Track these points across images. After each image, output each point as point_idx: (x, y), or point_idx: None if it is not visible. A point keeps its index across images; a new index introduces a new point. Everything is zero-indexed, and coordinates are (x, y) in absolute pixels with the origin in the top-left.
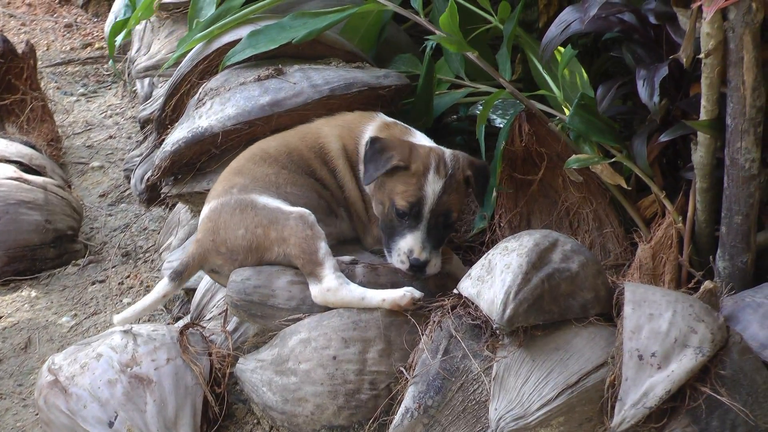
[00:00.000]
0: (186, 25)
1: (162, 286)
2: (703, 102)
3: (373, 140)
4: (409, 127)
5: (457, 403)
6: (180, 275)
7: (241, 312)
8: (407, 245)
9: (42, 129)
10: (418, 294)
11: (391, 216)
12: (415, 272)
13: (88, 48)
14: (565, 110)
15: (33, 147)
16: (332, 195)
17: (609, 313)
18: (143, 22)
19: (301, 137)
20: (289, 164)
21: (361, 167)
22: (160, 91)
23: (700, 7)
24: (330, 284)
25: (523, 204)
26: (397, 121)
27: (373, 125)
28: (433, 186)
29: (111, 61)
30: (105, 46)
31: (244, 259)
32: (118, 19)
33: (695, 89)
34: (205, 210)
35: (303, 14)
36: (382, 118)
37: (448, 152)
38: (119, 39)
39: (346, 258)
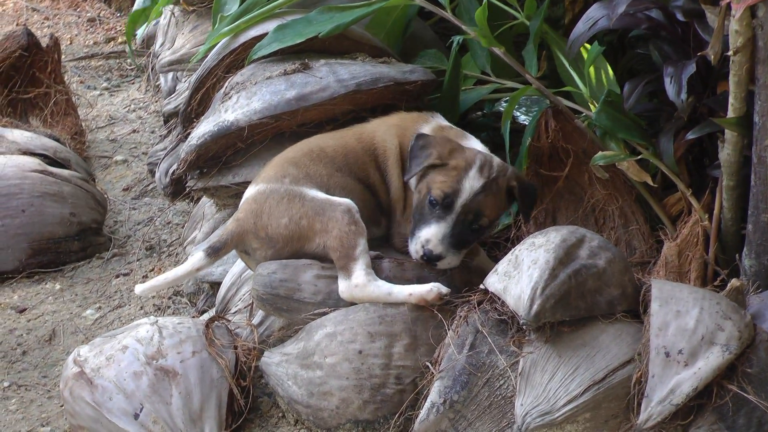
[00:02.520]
0: (210, 20)
1: (197, 259)
2: (730, 99)
3: (419, 136)
4: (466, 132)
5: (483, 399)
6: (217, 251)
7: (266, 306)
8: (427, 234)
9: (66, 122)
10: (445, 289)
11: (424, 203)
12: (427, 262)
13: (112, 42)
14: (592, 107)
15: (57, 140)
16: (378, 203)
17: (636, 309)
18: (167, 17)
19: (358, 138)
20: (344, 167)
21: None
22: (185, 85)
23: (728, 5)
24: (359, 280)
25: (549, 200)
26: (453, 126)
27: (428, 127)
28: (471, 182)
29: (129, 51)
30: (126, 40)
31: (282, 248)
32: (137, 8)
33: (723, 87)
34: (251, 190)
35: (329, 8)
36: (438, 120)
37: (498, 160)
38: (141, 32)
39: (372, 253)
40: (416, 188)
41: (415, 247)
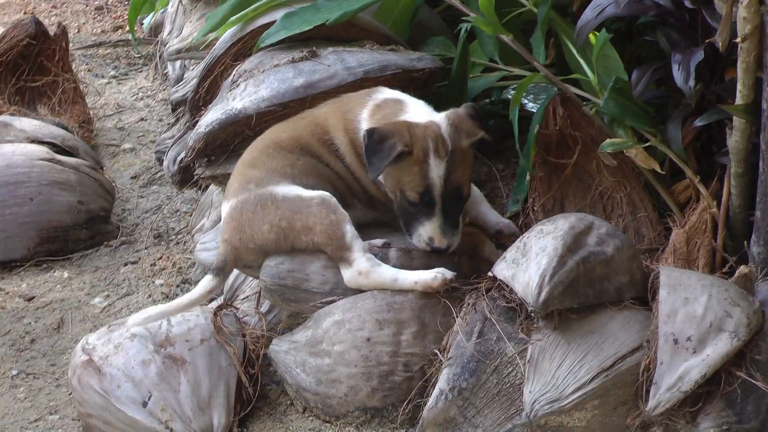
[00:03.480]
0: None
1: (207, 283)
2: (738, 86)
3: (370, 132)
4: (404, 99)
5: (492, 386)
6: (222, 270)
7: (275, 296)
8: (427, 233)
9: (74, 111)
10: (450, 274)
11: (404, 205)
12: (439, 252)
13: (119, 30)
14: (599, 94)
15: (65, 128)
16: (347, 185)
17: (644, 296)
18: (175, 5)
19: (311, 130)
20: (302, 156)
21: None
22: (192, 73)
23: None
24: (361, 267)
25: (557, 188)
26: (391, 97)
27: (366, 110)
28: (436, 170)
29: (132, 35)
30: (136, 29)
31: (276, 253)
32: None
33: (731, 74)
34: (226, 208)
35: None
36: (376, 98)
37: (444, 124)
38: (148, 20)
39: (378, 241)
40: (387, 186)
41: (420, 244)
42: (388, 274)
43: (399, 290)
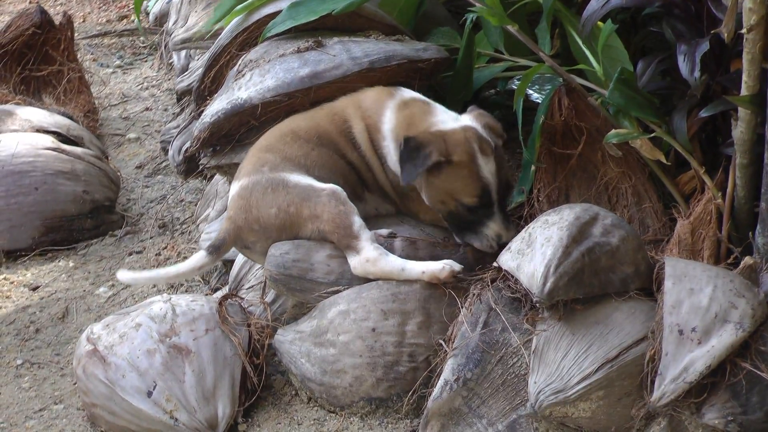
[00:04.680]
0: None
1: (199, 258)
2: (744, 77)
3: (407, 139)
4: (429, 101)
5: (497, 376)
6: (217, 249)
7: (279, 286)
8: (494, 232)
9: (79, 100)
10: (457, 267)
11: (460, 213)
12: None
13: (124, 20)
14: (605, 85)
15: (70, 118)
16: (360, 178)
17: (649, 287)
18: None
19: (330, 119)
20: (319, 146)
21: (388, 154)
22: (198, 63)
23: None
24: (369, 255)
25: (562, 178)
26: (416, 97)
27: (392, 104)
28: (488, 169)
29: (137, 21)
30: (141, 18)
31: (278, 237)
32: None
33: (736, 65)
34: (235, 187)
35: None
36: (401, 95)
37: (477, 125)
38: (152, 7)
39: (384, 231)
40: (426, 193)
41: (484, 245)
42: (396, 263)
43: (405, 280)
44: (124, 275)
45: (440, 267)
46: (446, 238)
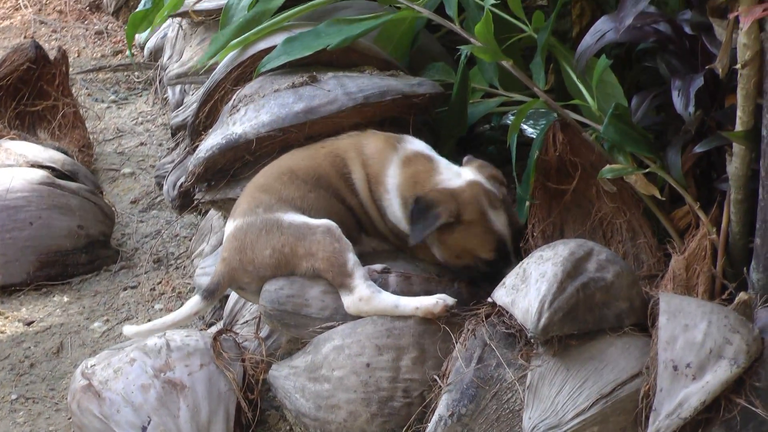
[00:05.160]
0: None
1: (194, 304)
2: (738, 113)
3: (417, 199)
4: (432, 156)
5: (491, 412)
6: (212, 294)
7: (274, 321)
8: None
9: (73, 135)
10: (451, 301)
11: (478, 267)
12: None
13: (119, 55)
14: (599, 120)
15: (65, 153)
16: (357, 220)
17: (644, 323)
18: (175, 29)
19: (331, 161)
20: (316, 188)
21: (389, 207)
22: (193, 98)
23: (736, 18)
24: (362, 293)
25: (557, 214)
26: (420, 151)
27: (396, 159)
28: (499, 221)
29: (129, 52)
30: (136, 53)
31: (273, 277)
32: (137, 11)
33: (730, 100)
34: (230, 227)
35: (338, 21)
36: (405, 149)
37: (481, 178)
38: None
39: (378, 266)
40: (448, 255)
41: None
42: (389, 300)
43: (399, 316)
44: (128, 330)
45: (434, 302)
46: (440, 273)
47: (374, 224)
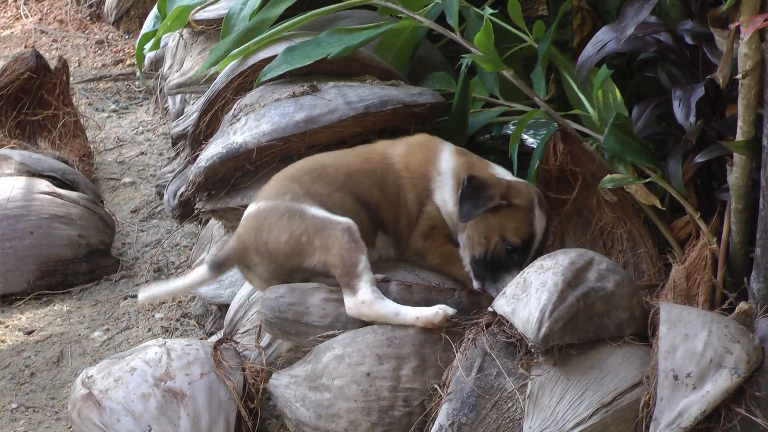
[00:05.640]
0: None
1: (200, 273)
2: (739, 123)
3: (470, 178)
4: (483, 159)
5: (491, 421)
6: (219, 266)
7: (275, 329)
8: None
9: (74, 144)
10: (451, 311)
11: (498, 251)
12: None
13: (120, 64)
14: (600, 130)
15: (66, 162)
16: (376, 223)
17: (644, 332)
18: (176, 39)
19: (364, 159)
20: (344, 186)
21: (438, 188)
22: (193, 107)
23: (737, 28)
24: (365, 297)
25: (557, 223)
26: (467, 151)
27: (448, 148)
28: (540, 222)
29: (139, 73)
30: (136, 62)
31: (283, 264)
32: (147, 31)
33: (731, 110)
34: (252, 208)
35: (338, 31)
36: (449, 146)
37: (534, 187)
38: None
39: (379, 276)
40: (477, 232)
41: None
42: (390, 307)
43: (400, 325)
44: (142, 295)
45: (434, 312)
46: (441, 282)
47: (398, 214)
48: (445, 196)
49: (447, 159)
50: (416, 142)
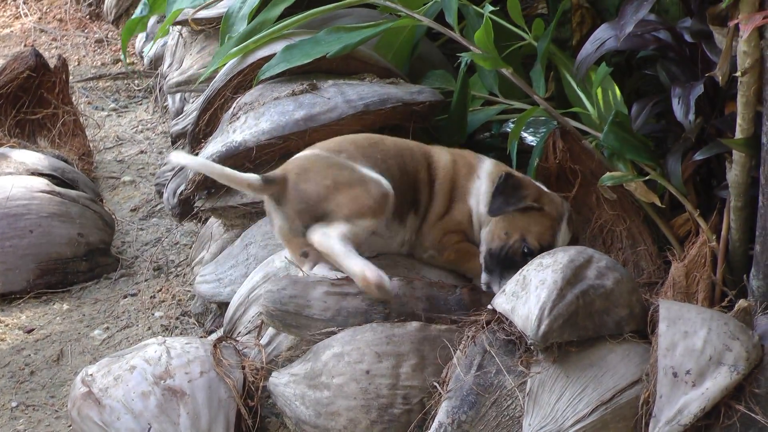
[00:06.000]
0: (218, 41)
1: (252, 178)
2: (738, 120)
3: (508, 175)
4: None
5: (491, 419)
6: (270, 182)
7: (276, 322)
8: None
9: (73, 143)
10: (387, 284)
11: (515, 249)
12: None
13: (119, 63)
14: (599, 128)
15: (65, 161)
16: (415, 202)
17: (643, 330)
18: (175, 37)
19: (417, 144)
20: (396, 157)
21: (472, 190)
22: (192, 105)
23: (736, 26)
24: (332, 232)
25: None
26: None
27: (489, 160)
28: (564, 236)
29: (123, 56)
30: (135, 61)
31: (313, 205)
32: (134, 17)
33: (730, 108)
34: (306, 152)
35: (337, 29)
36: (490, 158)
37: (565, 202)
38: (149, 47)
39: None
40: (500, 228)
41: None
42: (344, 248)
43: (343, 268)
44: (176, 157)
45: (374, 270)
46: (442, 280)
47: (429, 204)
48: (480, 198)
49: (486, 168)
50: (456, 150)
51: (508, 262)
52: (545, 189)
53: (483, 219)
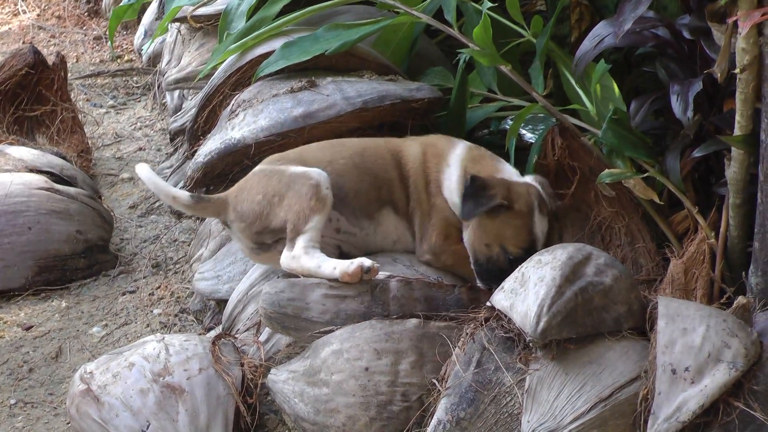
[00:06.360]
0: (217, 38)
1: (181, 194)
2: (737, 117)
3: (473, 178)
4: (495, 156)
5: (490, 416)
6: (199, 200)
7: (274, 324)
8: None
9: (72, 140)
10: (367, 264)
11: (499, 260)
12: None
13: (118, 60)
14: (598, 125)
15: (64, 158)
16: (384, 199)
17: (642, 327)
18: (174, 35)
19: (386, 141)
20: (355, 156)
21: (446, 179)
22: (191, 103)
23: (735, 22)
24: (296, 252)
25: (555, 218)
26: (481, 147)
27: (462, 144)
28: (540, 227)
29: (110, 43)
30: (134, 58)
31: (251, 223)
32: (122, 4)
33: (729, 104)
34: (255, 168)
35: (336, 26)
36: (464, 143)
37: (537, 184)
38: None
39: (383, 274)
40: (479, 241)
41: None
42: (314, 261)
43: (328, 277)
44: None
45: (349, 263)
46: (439, 278)
47: (408, 201)
48: (452, 187)
49: (459, 152)
50: (429, 139)
51: (498, 272)
52: (515, 179)
53: (459, 212)
